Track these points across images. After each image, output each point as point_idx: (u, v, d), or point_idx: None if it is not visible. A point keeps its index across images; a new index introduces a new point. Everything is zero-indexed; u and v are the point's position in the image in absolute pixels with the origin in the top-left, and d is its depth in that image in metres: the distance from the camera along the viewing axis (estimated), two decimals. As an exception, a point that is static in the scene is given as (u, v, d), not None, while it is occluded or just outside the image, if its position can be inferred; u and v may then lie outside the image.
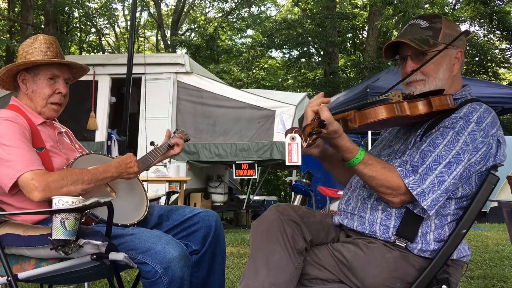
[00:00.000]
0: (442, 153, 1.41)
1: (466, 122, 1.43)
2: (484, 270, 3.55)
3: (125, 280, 3.17)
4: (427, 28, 1.55)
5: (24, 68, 1.87)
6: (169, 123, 7.06)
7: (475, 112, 1.45)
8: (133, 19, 4.00)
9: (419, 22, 1.58)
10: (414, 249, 1.46)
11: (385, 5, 10.62)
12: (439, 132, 1.45)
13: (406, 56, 1.59)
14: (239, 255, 4.18)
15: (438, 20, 1.57)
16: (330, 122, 1.34)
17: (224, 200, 7.93)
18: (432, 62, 1.52)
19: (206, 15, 21.82)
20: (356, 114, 1.42)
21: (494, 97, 6.96)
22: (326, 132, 1.35)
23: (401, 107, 1.41)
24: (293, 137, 1.28)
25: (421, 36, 1.54)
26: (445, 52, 1.53)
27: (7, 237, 1.64)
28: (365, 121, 1.40)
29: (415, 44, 1.52)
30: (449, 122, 1.45)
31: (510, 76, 19.17)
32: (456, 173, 1.40)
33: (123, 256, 1.53)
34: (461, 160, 1.40)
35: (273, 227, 1.41)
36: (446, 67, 1.55)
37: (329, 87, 16.06)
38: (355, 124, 1.42)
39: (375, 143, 1.81)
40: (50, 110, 1.91)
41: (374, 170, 1.42)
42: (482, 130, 1.43)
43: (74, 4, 16.31)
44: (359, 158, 1.42)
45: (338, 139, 1.40)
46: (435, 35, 1.54)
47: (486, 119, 1.45)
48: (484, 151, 1.43)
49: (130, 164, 1.91)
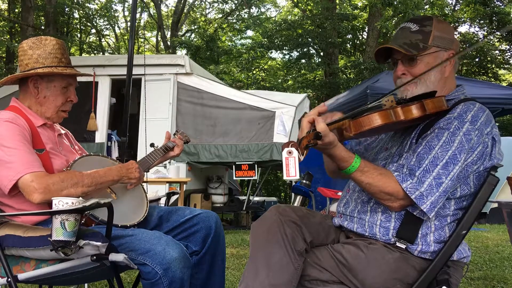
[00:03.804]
0: (438, 154, 1.41)
1: (460, 122, 1.44)
2: (484, 271, 3.55)
3: (125, 281, 3.17)
4: (417, 32, 1.56)
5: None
6: (169, 124, 7.06)
7: (469, 112, 1.46)
8: (133, 20, 4.00)
9: (409, 26, 1.59)
10: (414, 251, 1.46)
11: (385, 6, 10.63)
12: (434, 134, 1.45)
13: (397, 60, 1.61)
14: (239, 256, 4.18)
15: (428, 23, 1.57)
16: (326, 134, 1.35)
17: (224, 201, 7.93)
18: (420, 64, 1.53)
19: (206, 16, 21.85)
20: (351, 123, 1.43)
21: (494, 98, 6.96)
22: (322, 143, 1.36)
23: (395, 112, 1.42)
24: (290, 151, 1.29)
25: (410, 40, 1.55)
26: (436, 55, 1.54)
27: (7, 238, 1.64)
28: (361, 129, 1.41)
29: (404, 49, 1.53)
30: (443, 123, 1.46)
31: (510, 77, 19.17)
32: (453, 174, 1.40)
33: (123, 257, 1.53)
34: (457, 161, 1.40)
35: (273, 228, 1.41)
36: (437, 69, 1.56)
37: (329, 88, 16.06)
38: (350, 133, 1.43)
39: (371, 145, 1.81)
40: (59, 117, 1.95)
41: (370, 177, 1.42)
42: (477, 130, 1.43)
43: (74, 5, 16.33)
44: (355, 166, 1.43)
45: (333, 149, 1.41)
46: (425, 38, 1.55)
47: (480, 118, 1.45)
48: (480, 150, 1.44)
49: (132, 169, 1.91)
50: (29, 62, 1.86)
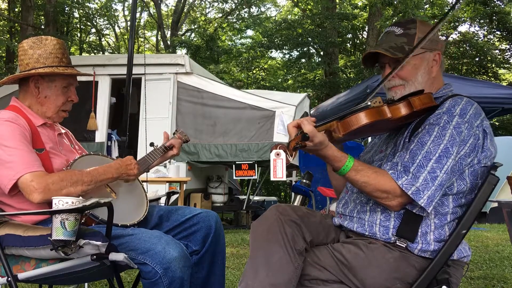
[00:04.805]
0: (431, 149, 1.42)
1: (449, 116, 1.46)
2: (484, 271, 3.55)
3: (125, 280, 3.17)
4: (402, 35, 1.60)
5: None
6: (169, 124, 7.06)
7: (457, 106, 1.48)
8: (133, 20, 4.00)
9: (394, 30, 1.63)
10: (415, 249, 1.46)
11: (385, 6, 10.63)
12: (425, 130, 1.47)
13: (384, 63, 1.65)
14: (239, 256, 4.18)
15: (412, 26, 1.61)
16: (314, 135, 1.37)
17: (224, 200, 7.93)
18: (407, 66, 1.56)
19: (206, 16, 21.84)
20: (339, 124, 1.44)
21: (494, 97, 6.97)
22: (312, 144, 1.38)
23: (382, 111, 1.44)
24: (278, 153, 1.31)
25: (396, 43, 1.58)
26: (422, 56, 1.58)
27: (7, 237, 1.64)
28: (349, 129, 1.42)
29: (390, 53, 1.56)
30: (433, 119, 1.48)
31: (510, 76, 19.17)
32: (447, 167, 1.41)
33: (123, 257, 1.54)
34: (450, 154, 1.41)
35: (273, 227, 1.41)
36: (424, 70, 1.59)
37: (329, 87, 16.06)
38: (339, 134, 1.44)
39: (365, 149, 1.82)
40: (60, 116, 1.95)
41: (366, 176, 1.43)
42: (467, 122, 1.45)
43: (74, 5, 16.32)
44: (349, 165, 1.44)
45: (325, 149, 1.42)
46: (410, 41, 1.58)
47: (469, 111, 1.47)
48: (472, 143, 1.45)
49: (131, 166, 1.91)
50: (29, 61, 1.85)
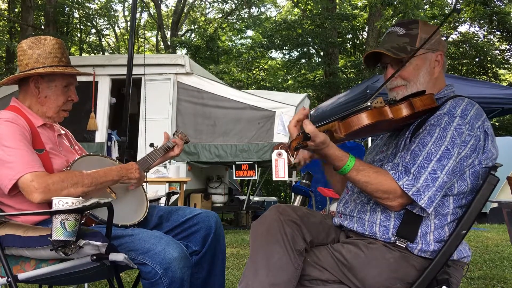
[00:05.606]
0: (432, 150, 1.42)
1: (450, 117, 1.45)
2: (484, 271, 3.55)
3: (125, 281, 3.17)
4: (404, 35, 1.59)
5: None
6: (169, 124, 7.06)
7: (458, 107, 1.48)
8: (133, 20, 4.00)
9: (396, 30, 1.63)
10: (414, 250, 1.46)
11: (385, 6, 10.63)
12: (426, 131, 1.47)
13: (386, 64, 1.64)
14: (239, 256, 4.18)
15: (415, 26, 1.60)
16: (316, 134, 1.36)
17: (224, 200, 7.93)
18: (409, 66, 1.56)
19: (206, 16, 21.85)
20: (340, 124, 1.44)
21: (494, 97, 6.97)
22: (314, 144, 1.38)
23: (383, 111, 1.43)
24: (280, 153, 1.31)
25: (398, 44, 1.58)
26: (424, 56, 1.57)
27: (7, 238, 1.64)
28: (350, 129, 1.42)
29: (391, 53, 1.56)
30: (434, 120, 1.48)
31: (510, 77, 19.17)
32: (448, 168, 1.41)
33: (123, 257, 1.54)
34: (451, 155, 1.41)
35: (273, 227, 1.41)
36: (426, 70, 1.59)
37: (329, 87, 16.06)
38: (341, 134, 1.44)
39: (368, 150, 1.82)
40: (60, 116, 1.95)
41: (367, 176, 1.43)
42: (468, 123, 1.45)
43: (74, 5, 16.33)
44: (350, 165, 1.44)
45: (326, 149, 1.42)
46: (412, 41, 1.58)
47: (469, 112, 1.47)
48: (473, 144, 1.45)
49: (132, 170, 1.91)
50: (29, 62, 1.86)
